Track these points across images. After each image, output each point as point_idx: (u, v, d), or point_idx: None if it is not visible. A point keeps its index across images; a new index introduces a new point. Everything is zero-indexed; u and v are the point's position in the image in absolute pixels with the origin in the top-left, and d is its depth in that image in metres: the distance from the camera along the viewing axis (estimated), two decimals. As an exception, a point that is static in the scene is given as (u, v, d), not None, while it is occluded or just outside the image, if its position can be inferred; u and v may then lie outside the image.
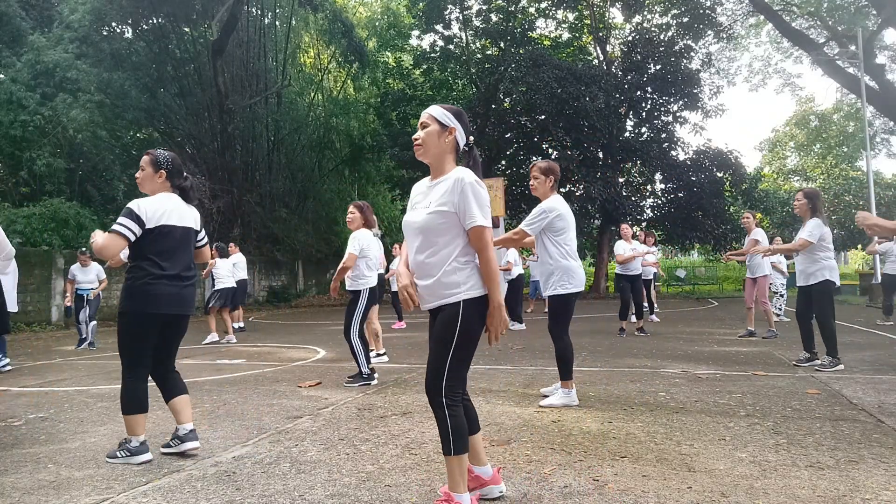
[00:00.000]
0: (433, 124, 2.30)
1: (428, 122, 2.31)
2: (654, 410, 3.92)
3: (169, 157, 3.27)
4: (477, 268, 2.26)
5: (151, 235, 3.06)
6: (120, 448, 3.10)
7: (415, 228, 2.28)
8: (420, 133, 2.31)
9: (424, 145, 2.31)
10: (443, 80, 24.15)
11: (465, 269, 2.24)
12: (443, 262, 2.23)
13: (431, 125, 2.30)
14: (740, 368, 5.51)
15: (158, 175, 3.22)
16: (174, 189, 3.27)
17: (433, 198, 2.26)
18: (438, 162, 2.32)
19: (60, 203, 14.61)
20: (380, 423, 3.76)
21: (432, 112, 2.32)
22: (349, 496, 2.50)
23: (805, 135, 35.76)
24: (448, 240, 2.23)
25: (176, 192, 3.27)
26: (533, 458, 2.97)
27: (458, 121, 2.32)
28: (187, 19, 19.77)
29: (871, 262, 20.06)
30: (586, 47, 24.61)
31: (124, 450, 3.08)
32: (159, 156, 3.25)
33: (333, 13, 23.42)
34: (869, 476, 2.61)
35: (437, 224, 2.22)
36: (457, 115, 2.32)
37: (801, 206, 5.51)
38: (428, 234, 2.24)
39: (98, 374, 6.24)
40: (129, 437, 3.09)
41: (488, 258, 2.22)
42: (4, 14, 16.75)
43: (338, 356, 7.09)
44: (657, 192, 22.48)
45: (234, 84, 20.72)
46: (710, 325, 9.98)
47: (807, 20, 24.11)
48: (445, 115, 2.31)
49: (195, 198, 3.38)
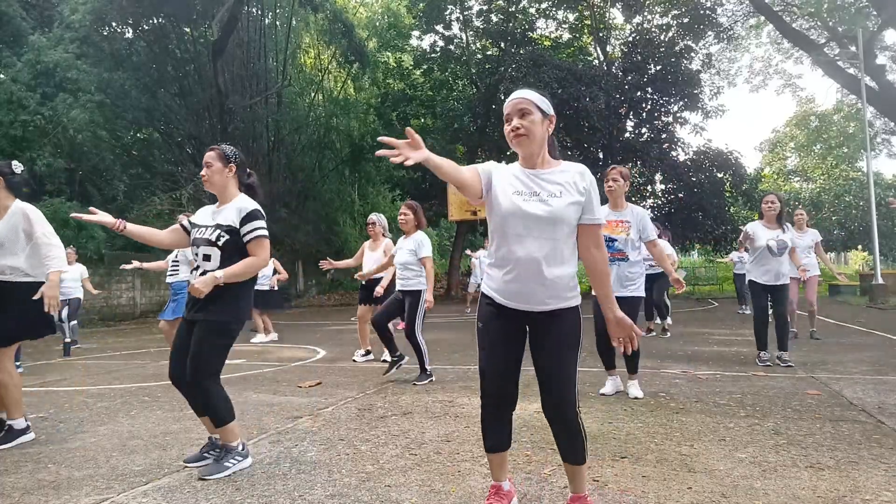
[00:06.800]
0: (535, 112, 2.07)
1: (529, 108, 2.06)
2: (654, 410, 3.91)
3: (236, 151, 3.09)
4: None
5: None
6: (224, 458, 2.88)
7: (542, 221, 2.03)
8: (522, 122, 2.05)
9: (530, 134, 2.05)
10: (443, 80, 24.14)
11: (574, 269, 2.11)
12: (566, 261, 2.06)
13: (534, 113, 2.06)
14: (740, 368, 5.51)
15: (229, 169, 3.03)
16: (241, 186, 3.10)
17: (557, 188, 2.05)
18: (541, 151, 2.11)
19: (60, 203, 14.60)
20: (380, 423, 3.76)
21: (530, 97, 2.07)
22: (349, 496, 2.50)
23: (805, 135, 35.75)
24: (568, 234, 2.06)
25: (242, 190, 3.10)
26: (533, 458, 2.96)
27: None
28: (187, 19, 19.77)
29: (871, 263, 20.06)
30: (586, 48, 24.59)
31: (235, 456, 2.90)
32: (226, 149, 3.06)
33: (334, 13, 23.41)
34: (869, 476, 2.60)
35: (573, 217, 2.04)
36: (549, 100, 2.13)
37: (775, 210, 5.62)
38: (558, 227, 2.03)
39: (98, 374, 6.24)
40: (237, 443, 2.94)
41: (605, 258, 2.12)
42: (5, 14, 16.75)
43: (338, 356, 7.09)
44: (657, 192, 22.47)
45: (234, 84, 20.71)
46: (710, 325, 9.98)
47: (807, 21, 24.09)
48: (545, 101, 2.10)
49: (261, 195, 3.19)
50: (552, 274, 2.03)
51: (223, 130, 19.96)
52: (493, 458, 2.23)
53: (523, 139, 2.06)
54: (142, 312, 15.56)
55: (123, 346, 9.18)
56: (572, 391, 2.04)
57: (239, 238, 2.92)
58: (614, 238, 4.31)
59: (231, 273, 2.83)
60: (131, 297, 15.42)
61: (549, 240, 2.03)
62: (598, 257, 2.09)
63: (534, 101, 2.07)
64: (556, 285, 2.04)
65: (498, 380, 2.13)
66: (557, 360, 2.05)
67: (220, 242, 2.90)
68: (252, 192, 3.13)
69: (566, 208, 2.03)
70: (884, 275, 15.85)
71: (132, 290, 15.57)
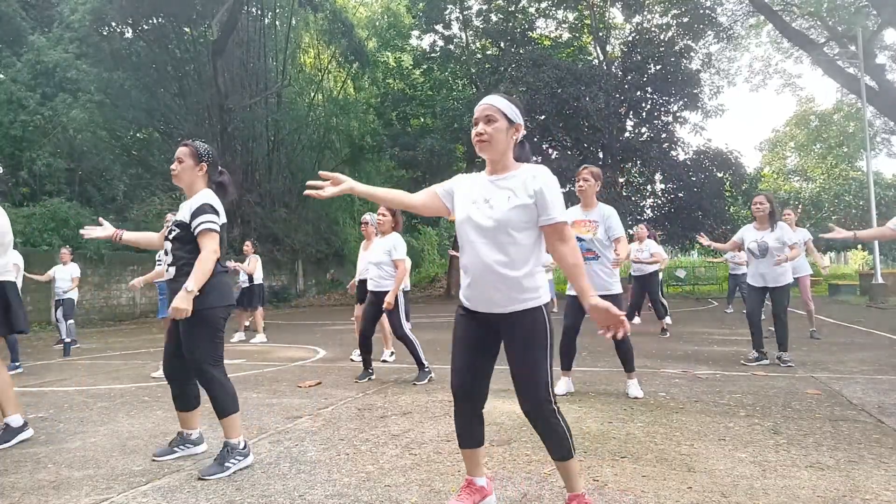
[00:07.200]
0: (500, 119, 2.10)
1: (495, 116, 2.10)
2: (654, 410, 3.92)
3: (209, 149, 3.09)
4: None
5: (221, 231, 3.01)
6: (225, 459, 2.84)
7: (487, 228, 2.07)
8: (486, 128, 2.10)
9: (492, 141, 2.10)
10: (443, 80, 24.14)
11: (541, 272, 2.13)
12: (525, 263, 2.07)
13: (499, 121, 2.10)
14: (740, 368, 5.52)
15: (199, 168, 3.04)
16: (211, 184, 3.10)
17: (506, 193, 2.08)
18: (503, 158, 2.15)
19: (60, 203, 14.61)
20: (380, 423, 3.76)
21: (498, 104, 2.11)
22: (349, 496, 2.50)
23: (805, 135, 35.75)
24: (522, 237, 2.08)
25: (212, 188, 3.10)
26: (533, 458, 2.96)
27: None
28: (187, 19, 19.78)
29: (870, 263, 20.05)
30: (586, 47, 24.59)
31: (236, 455, 2.87)
32: (199, 147, 3.06)
33: (333, 13, 23.43)
34: (869, 476, 2.61)
35: (520, 220, 2.06)
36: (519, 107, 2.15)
37: (764, 210, 5.61)
38: (504, 233, 2.06)
39: (98, 374, 6.24)
40: (238, 440, 2.90)
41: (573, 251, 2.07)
42: (4, 14, 16.75)
43: (338, 356, 7.09)
44: (657, 192, 22.47)
45: (233, 84, 20.73)
46: (710, 325, 9.98)
47: (807, 20, 24.08)
48: (513, 109, 2.12)
49: (233, 193, 3.19)
50: (508, 278, 2.06)
51: (223, 130, 19.98)
52: (464, 453, 2.31)
53: (485, 145, 2.11)
54: (142, 312, 15.56)
55: (123, 346, 9.18)
56: (544, 389, 2.06)
57: (189, 232, 2.96)
58: (581, 238, 4.32)
59: (197, 279, 2.82)
60: (131, 297, 15.43)
61: (500, 245, 2.06)
62: (565, 251, 2.06)
63: (500, 109, 2.11)
64: (512, 289, 2.07)
65: (460, 379, 2.21)
66: (523, 361, 2.08)
67: (171, 236, 3.01)
68: (222, 189, 3.14)
69: (509, 213, 2.05)
70: (884, 274, 15.86)
71: (132, 291, 15.57)
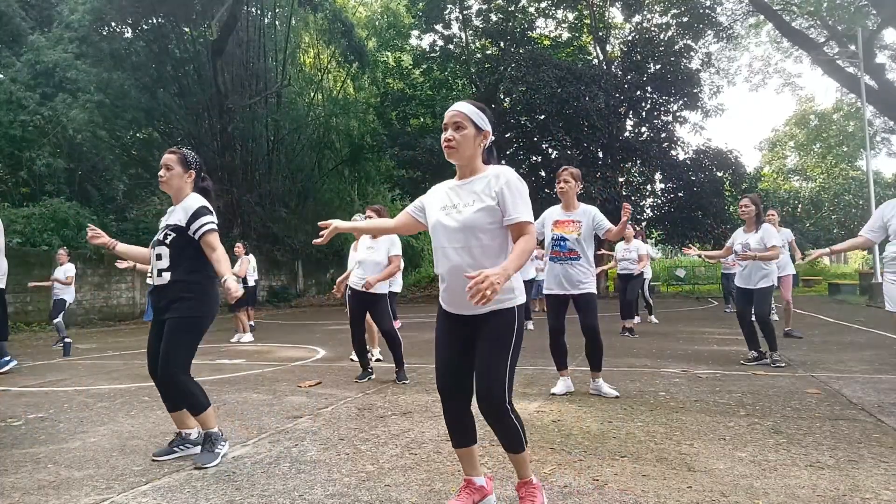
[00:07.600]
0: (469, 127, 2.15)
1: (463, 123, 2.15)
2: (653, 410, 3.92)
3: (196, 157, 3.20)
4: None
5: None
6: (213, 446, 3.00)
7: (455, 231, 2.13)
8: (454, 134, 2.15)
9: (459, 148, 2.15)
10: (443, 79, 24.14)
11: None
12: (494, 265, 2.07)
13: (468, 128, 2.15)
14: (740, 368, 5.52)
15: (188, 175, 3.14)
16: (197, 190, 3.20)
17: (472, 197, 2.14)
18: (470, 163, 2.21)
19: (60, 203, 14.60)
20: (380, 423, 3.76)
21: (466, 112, 2.16)
22: (349, 496, 2.50)
23: (805, 134, 35.79)
24: (490, 239, 2.12)
25: (198, 193, 3.20)
26: (533, 458, 2.96)
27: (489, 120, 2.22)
28: (187, 19, 19.76)
29: (870, 262, 20.06)
30: (586, 47, 24.59)
31: (220, 442, 3.03)
32: (187, 155, 3.16)
33: (333, 13, 23.41)
34: (869, 476, 2.61)
35: (485, 222, 2.10)
36: (487, 114, 2.21)
37: (750, 213, 5.55)
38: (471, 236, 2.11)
39: (98, 374, 6.23)
40: (216, 429, 3.05)
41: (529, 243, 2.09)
42: (4, 14, 16.74)
43: (338, 356, 7.09)
44: (657, 191, 22.48)
45: (233, 84, 20.72)
46: (710, 325, 9.98)
47: (807, 20, 24.09)
48: (480, 116, 2.18)
49: (213, 198, 3.29)
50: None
51: (223, 130, 19.98)
52: (459, 452, 2.34)
53: (453, 151, 2.17)
54: (142, 312, 15.55)
55: (123, 346, 9.18)
56: (501, 388, 2.10)
57: (186, 236, 3.02)
58: (565, 238, 4.32)
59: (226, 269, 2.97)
60: (131, 297, 15.42)
61: (468, 248, 2.12)
62: (522, 243, 2.07)
63: (469, 116, 2.16)
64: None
65: (442, 378, 2.27)
66: (486, 359, 2.12)
67: (167, 241, 3.03)
68: (206, 194, 3.23)
69: (474, 216, 2.11)
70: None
71: (132, 291, 15.57)
